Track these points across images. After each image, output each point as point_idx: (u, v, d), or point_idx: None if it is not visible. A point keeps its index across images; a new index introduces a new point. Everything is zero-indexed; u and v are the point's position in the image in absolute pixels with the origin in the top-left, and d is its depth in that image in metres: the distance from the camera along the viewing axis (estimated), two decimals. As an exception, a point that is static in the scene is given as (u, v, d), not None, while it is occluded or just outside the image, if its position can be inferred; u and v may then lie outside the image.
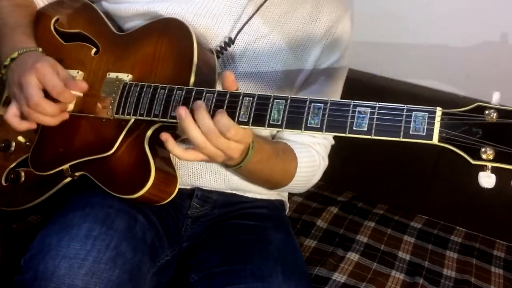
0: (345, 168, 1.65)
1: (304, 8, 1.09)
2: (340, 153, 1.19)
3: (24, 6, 1.16)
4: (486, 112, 0.72)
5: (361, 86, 1.19)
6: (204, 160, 0.87)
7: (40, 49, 1.04)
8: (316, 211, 1.54)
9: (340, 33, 1.11)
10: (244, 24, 1.04)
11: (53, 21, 1.12)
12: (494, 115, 0.72)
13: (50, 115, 0.95)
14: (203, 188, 1.12)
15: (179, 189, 1.09)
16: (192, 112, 0.83)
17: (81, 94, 0.99)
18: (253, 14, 1.04)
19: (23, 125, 0.98)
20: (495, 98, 0.73)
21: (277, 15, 1.08)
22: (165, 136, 0.85)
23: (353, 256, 1.37)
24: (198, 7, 1.05)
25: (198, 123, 0.83)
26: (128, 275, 0.88)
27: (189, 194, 1.12)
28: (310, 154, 1.10)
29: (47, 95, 0.94)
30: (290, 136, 1.10)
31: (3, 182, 1.09)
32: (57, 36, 1.11)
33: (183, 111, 0.83)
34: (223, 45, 1.04)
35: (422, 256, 1.43)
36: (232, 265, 1.01)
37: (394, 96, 0.82)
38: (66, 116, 0.98)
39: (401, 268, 1.36)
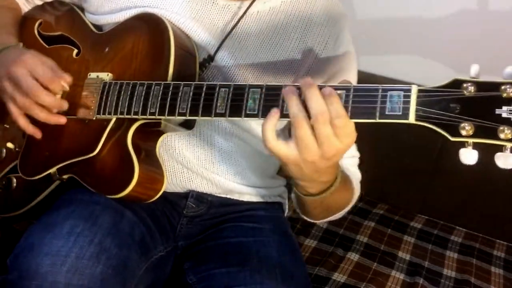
0: (345, 168, 1.65)
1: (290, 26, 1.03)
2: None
3: (9, 8, 1.16)
4: (464, 85, 0.68)
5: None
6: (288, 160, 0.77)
7: (21, 44, 1.03)
8: (316, 211, 1.54)
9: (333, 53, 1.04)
10: (223, 41, 0.99)
11: (36, 24, 1.12)
12: (472, 88, 0.67)
13: (48, 105, 0.94)
14: (197, 190, 1.11)
15: (174, 191, 1.08)
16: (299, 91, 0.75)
17: (67, 87, 0.96)
18: (231, 30, 0.99)
19: (31, 128, 0.98)
20: (473, 71, 0.68)
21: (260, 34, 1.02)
22: None
23: (353, 256, 1.37)
24: (176, 14, 1.01)
25: (308, 102, 0.73)
26: (112, 270, 0.87)
27: (184, 194, 1.11)
28: (355, 177, 1.07)
29: None
30: None
31: None
32: (40, 40, 1.10)
33: (290, 90, 0.75)
34: (203, 61, 1.01)
35: (422, 256, 1.43)
36: (230, 267, 1.00)
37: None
38: (63, 120, 0.97)
39: (401, 268, 1.37)
